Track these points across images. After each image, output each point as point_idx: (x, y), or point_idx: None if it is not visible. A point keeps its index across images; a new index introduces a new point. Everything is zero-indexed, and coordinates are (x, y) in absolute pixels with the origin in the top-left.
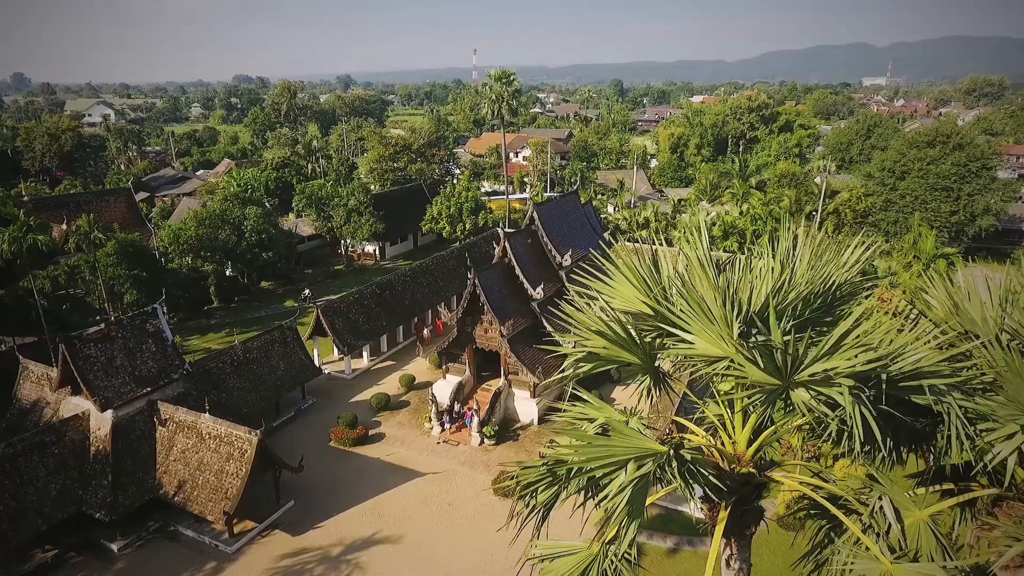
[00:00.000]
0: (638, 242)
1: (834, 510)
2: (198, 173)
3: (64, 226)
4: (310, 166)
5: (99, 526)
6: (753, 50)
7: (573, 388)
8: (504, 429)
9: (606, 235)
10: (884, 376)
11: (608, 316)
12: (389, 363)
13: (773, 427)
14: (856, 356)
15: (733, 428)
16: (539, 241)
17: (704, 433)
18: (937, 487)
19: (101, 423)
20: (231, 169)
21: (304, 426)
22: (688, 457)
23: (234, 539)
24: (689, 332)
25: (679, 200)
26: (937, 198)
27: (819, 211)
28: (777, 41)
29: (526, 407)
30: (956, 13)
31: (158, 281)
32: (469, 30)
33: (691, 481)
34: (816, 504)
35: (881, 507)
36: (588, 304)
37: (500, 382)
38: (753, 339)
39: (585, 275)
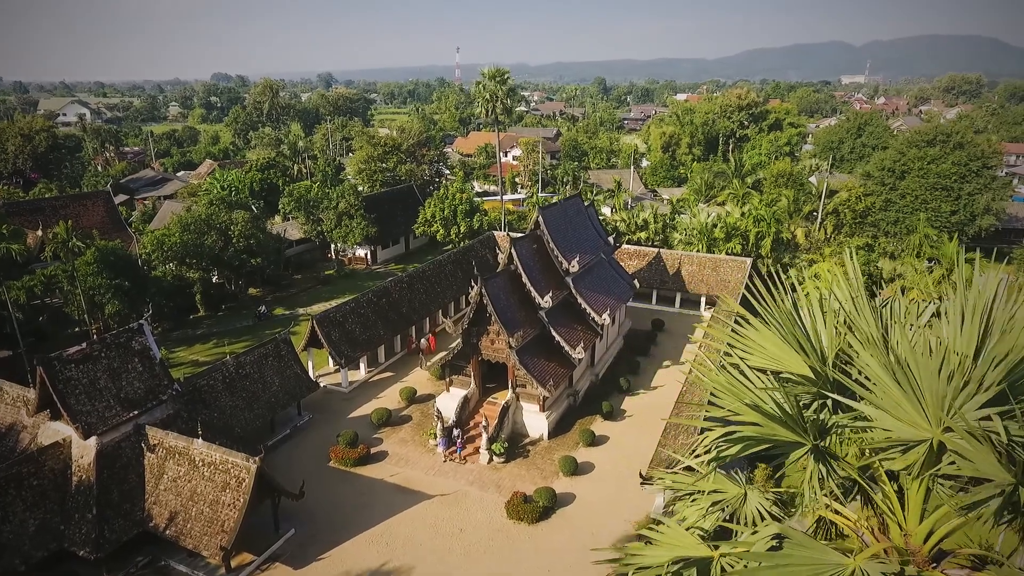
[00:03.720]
0: (639, 244)
1: None
2: (179, 174)
3: (39, 232)
4: (296, 167)
5: (84, 564)
6: (733, 48)
7: (717, 471)
8: (513, 445)
9: (610, 239)
10: None
11: (763, 382)
12: (388, 374)
13: (963, 519)
14: None
15: (905, 516)
16: (544, 246)
17: (862, 517)
18: None
19: (84, 451)
20: (214, 170)
21: (301, 445)
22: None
23: (231, 574)
24: (878, 407)
25: (678, 200)
26: (937, 197)
27: (820, 211)
28: (757, 39)
29: (536, 421)
30: (929, 12)
31: (141, 290)
32: (449, 28)
33: None
34: None
35: None
36: (721, 363)
37: (508, 395)
38: (962, 418)
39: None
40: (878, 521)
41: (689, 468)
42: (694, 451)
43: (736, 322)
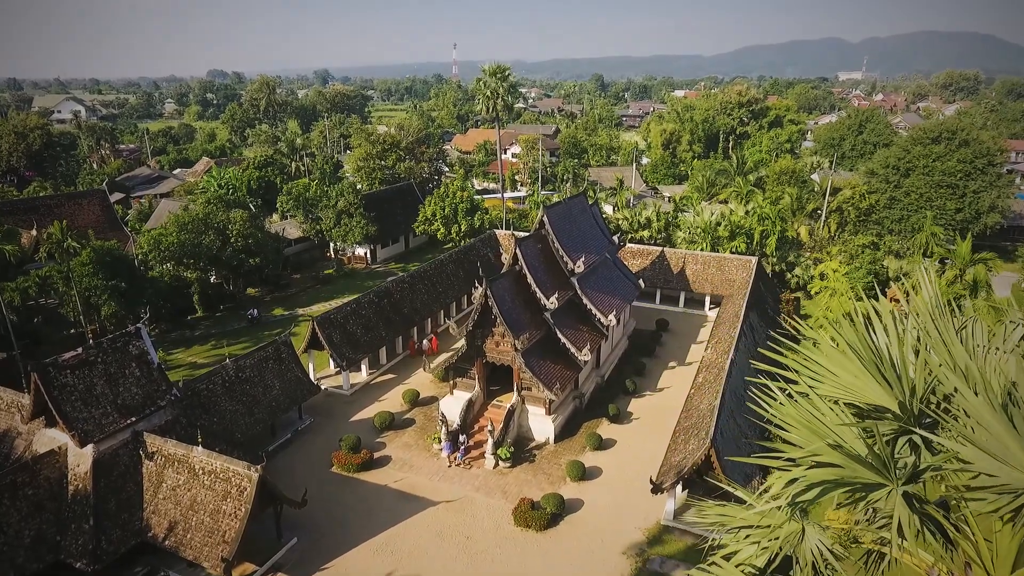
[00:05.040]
0: (642, 243)
1: None
2: (175, 172)
3: (34, 232)
4: (294, 165)
5: None
6: (729, 45)
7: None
8: (518, 449)
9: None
10: None
11: (838, 415)
12: (389, 376)
13: None
14: None
15: (994, 563)
16: (549, 246)
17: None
18: None
19: (80, 459)
20: (211, 168)
21: (303, 450)
22: None
23: None
24: (981, 449)
25: (681, 198)
26: (942, 195)
27: (823, 209)
28: (753, 36)
29: (541, 425)
30: (925, 9)
31: (138, 291)
32: (446, 25)
33: None
34: None
35: None
36: (786, 392)
37: (513, 398)
38: None
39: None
40: (962, 568)
41: (738, 499)
42: (761, 493)
43: (790, 339)
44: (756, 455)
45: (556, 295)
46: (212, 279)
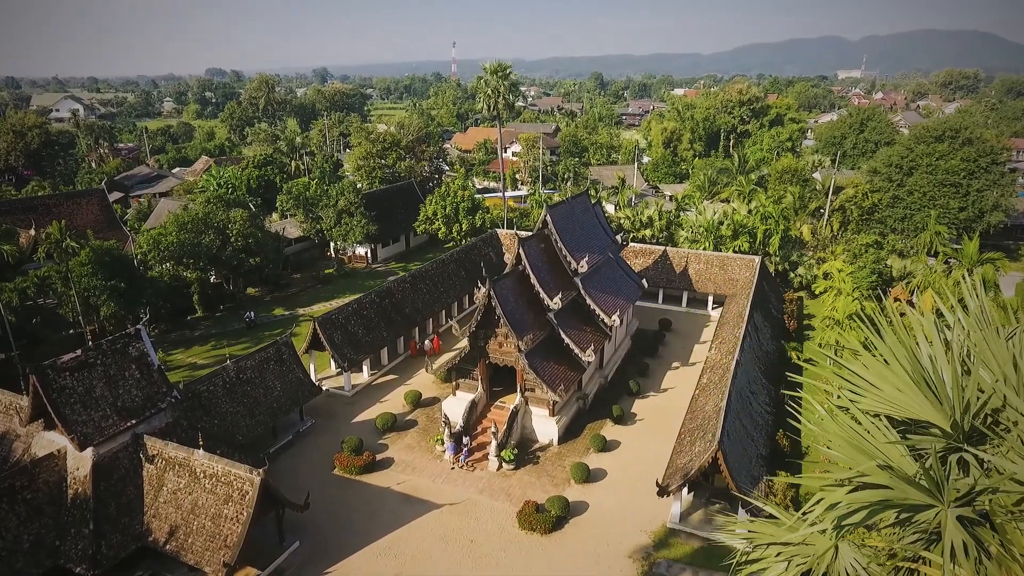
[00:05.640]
0: (644, 242)
1: None
2: (174, 171)
3: (32, 231)
4: (294, 164)
5: None
6: (728, 43)
7: None
8: (522, 451)
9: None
10: None
11: (883, 432)
12: (391, 377)
13: None
14: None
15: None
16: (552, 246)
17: None
18: None
19: (80, 462)
20: (210, 167)
21: (304, 452)
22: None
23: None
24: None
25: (683, 197)
26: (946, 194)
27: (826, 208)
28: (752, 34)
29: (545, 426)
30: (925, 7)
31: (137, 291)
32: (445, 23)
33: None
34: None
35: None
36: (827, 406)
37: (516, 399)
38: None
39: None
40: None
41: (771, 514)
42: (803, 516)
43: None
44: (785, 472)
45: (560, 295)
46: (212, 279)
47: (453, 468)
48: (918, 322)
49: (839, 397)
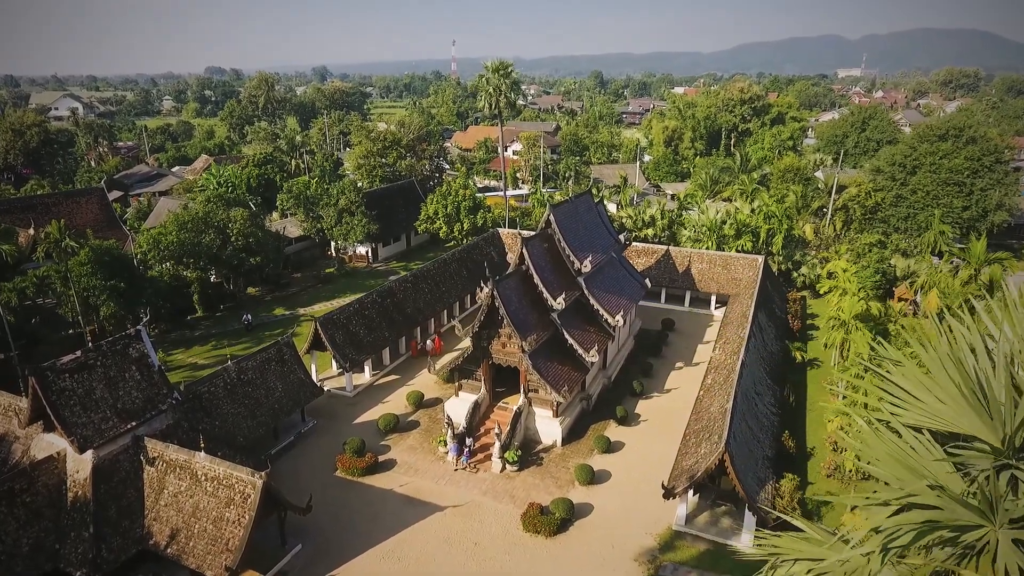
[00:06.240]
0: (646, 241)
1: None
2: (174, 170)
3: (32, 231)
4: (294, 162)
5: None
6: (728, 42)
7: None
8: (525, 452)
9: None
10: None
11: (930, 449)
12: (393, 377)
13: None
14: None
15: None
16: (555, 245)
17: None
18: None
19: (80, 465)
20: (210, 166)
21: (306, 453)
22: None
23: None
24: None
25: (685, 196)
26: (949, 193)
27: (829, 207)
28: (751, 33)
29: (549, 427)
30: (924, 6)
31: (137, 291)
32: (444, 22)
33: None
34: None
35: None
36: (866, 418)
37: (519, 400)
38: None
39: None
40: None
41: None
42: (845, 538)
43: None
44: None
45: (563, 295)
46: (212, 278)
47: (456, 470)
48: (959, 329)
49: (877, 409)
